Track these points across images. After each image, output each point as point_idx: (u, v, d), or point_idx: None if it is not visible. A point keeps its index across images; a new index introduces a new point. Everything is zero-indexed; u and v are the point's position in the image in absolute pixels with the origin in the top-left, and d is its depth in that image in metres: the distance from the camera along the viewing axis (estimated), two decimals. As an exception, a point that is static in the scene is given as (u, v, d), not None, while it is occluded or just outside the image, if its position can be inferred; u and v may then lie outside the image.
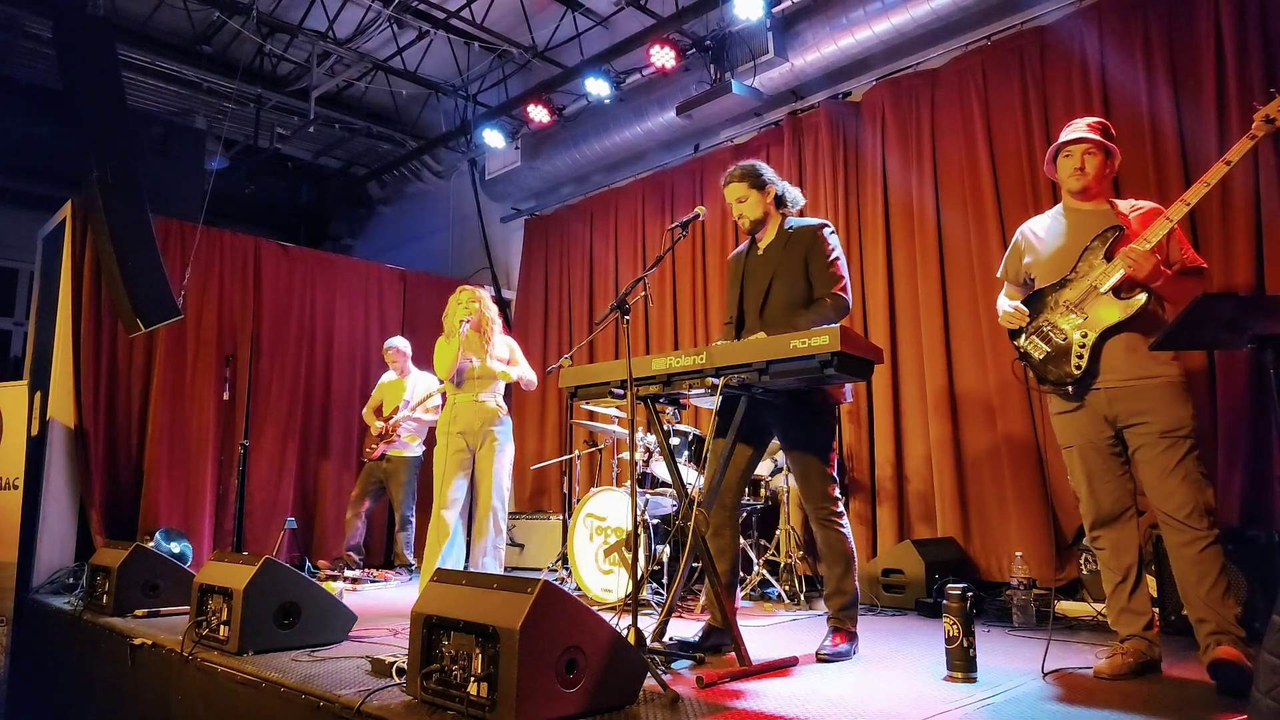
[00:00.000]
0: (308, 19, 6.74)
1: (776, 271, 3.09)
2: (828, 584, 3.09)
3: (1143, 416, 2.62)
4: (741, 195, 3.13)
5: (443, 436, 4.32)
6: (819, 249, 3.05)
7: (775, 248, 3.14)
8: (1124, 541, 2.70)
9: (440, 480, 4.25)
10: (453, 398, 4.39)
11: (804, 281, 3.05)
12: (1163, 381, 2.61)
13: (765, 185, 3.13)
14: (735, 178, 3.14)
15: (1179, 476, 2.55)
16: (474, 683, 2.06)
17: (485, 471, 4.31)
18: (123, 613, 3.88)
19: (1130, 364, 2.63)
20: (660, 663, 2.73)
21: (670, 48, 5.58)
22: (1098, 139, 2.76)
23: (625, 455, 5.30)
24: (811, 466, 3.00)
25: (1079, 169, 2.77)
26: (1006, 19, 4.81)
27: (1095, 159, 2.76)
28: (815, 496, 3.00)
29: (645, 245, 6.69)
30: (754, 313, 3.14)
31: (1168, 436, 2.58)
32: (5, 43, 6.73)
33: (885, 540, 4.87)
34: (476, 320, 4.37)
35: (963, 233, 4.83)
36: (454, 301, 4.44)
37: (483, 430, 4.33)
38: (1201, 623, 2.53)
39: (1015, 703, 2.31)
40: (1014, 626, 3.59)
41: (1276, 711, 1.18)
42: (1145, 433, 2.61)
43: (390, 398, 6.12)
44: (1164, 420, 2.58)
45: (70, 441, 5.56)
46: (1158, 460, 2.58)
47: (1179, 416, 2.58)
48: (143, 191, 5.58)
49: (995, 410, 4.58)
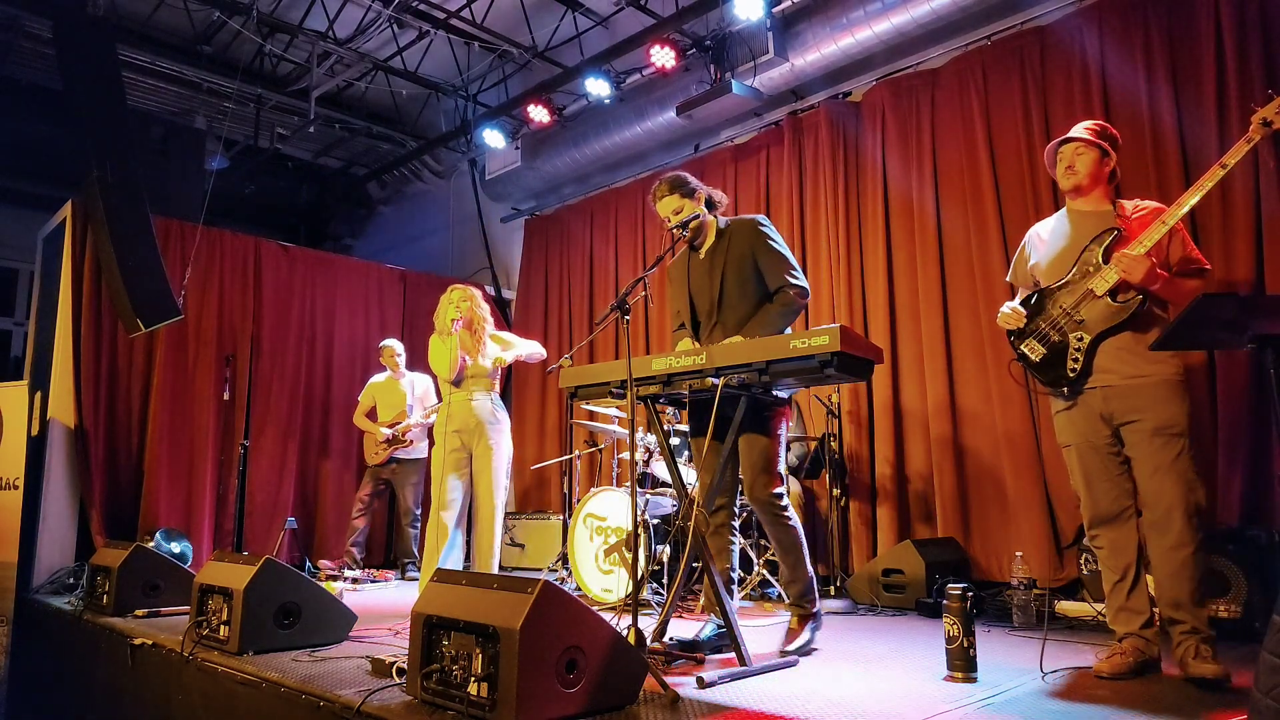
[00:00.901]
0: (308, 19, 6.74)
1: (725, 271, 3.11)
2: (783, 574, 3.16)
3: (1137, 414, 2.63)
4: (676, 207, 3.14)
5: (439, 437, 4.31)
6: (762, 241, 3.08)
7: (717, 249, 3.16)
8: (1122, 541, 2.71)
9: (438, 481, 4.23)
10: (448, 397, 4.35)
11: (754, 275, 3.08)
12: (1156, 380, 2.62)
13: (695, 192, 3.16)
14: (665, 191, 3.15)
15: (1171, 475, 2.57)
16: (474, 683, 2.06)
17: (482, 471, 4.25)
18: (123, 613, 3.88)
19: (1125, 364, 2.65)
20: (660, 663, 2.73)
21: (670, 48, 5.58)
22: (1086, 137, 2.77)
23: (625, 455, 5.30)
24: (758, 460, 2.99)
25: (1070, 168, 2.80)
26: (1006, 19, 4.81)
27: (1086, 157, 2.77)
28: (762, 490, 2.98)
29: (645, 245, 6.69)
30: (708, 315, 3.14)
31: (1160, 434, 2.59)
32: (5, 43, 6.73)
33: (885, 540, 4.87)
34: (468, 318, 4.34)
35: (963, 233, 4.83)
36: (445, 300, 4.39)
37: (478, 429, 4.27)
38: (1175, 623, 2.56)
39: (1015, 703, 2.31)
40: (1014, 626, 3.58)
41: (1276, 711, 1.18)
42: (1139, 430, 2.63)
43: (384, 399, 6.11)
44: (1156, 418, 2.60)
45: (70, 441, 5.57)
46: (1150, 458, 2.60)
47: (1171, 415, 2.59)
48: (143, 191, 5.58)
49: (995, 410, 4.58)
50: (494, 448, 4.26)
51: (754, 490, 3.02)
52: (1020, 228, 4.63)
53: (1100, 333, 2.67)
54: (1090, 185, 2.80)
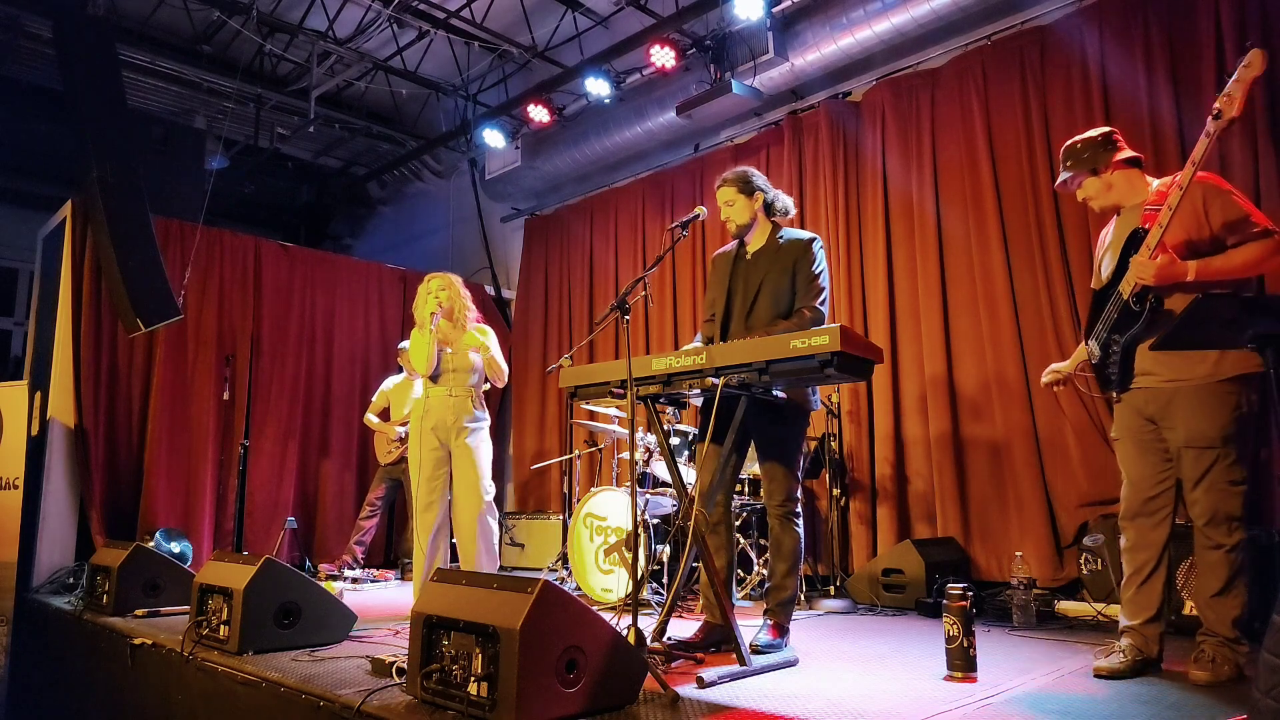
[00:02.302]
0: (308, 19, 6.74)
1: (765, 278, 3.16)
2: (771, 578, 3.15)
3: (1171, 423, 2.61)
4: (730, 199, 3.21)
5: (415, 434, 4.10)
6: (806, 261, 3.13)
7: (765, 254, 3.21)
8: (1147, 538, 2.70)
9: (416, 480, 4.03)
10: (426, 391, 4.12)
11: (790, 291, 3.13)
12: (1195, 384, 2.55)
13: (754, 191, 3.21)
14: (727, 181, 3.24)
15: (1202, 487, 2.56)
16: (474, 682, 2.06)
17: (461, 470, 4.03)
18: (123, 612, 3.88)
19: (1161, 365, 2.61)
20: (660, 662, 2.73)
21: (670, 47, 5.58)
22: (1071, 176, 2.78)
23: (625, 455, 5.30)
24: (779, 466, 3.07)
25: (1083, 200, 2.84)
26: (1007, 19, 4.81)
27: (1087, 186, 2.78)
28: (779, 494, 3.07)
29: (645, 245, 6.69)
30: (740, 316, 3.20)
31: (1191, 448, 2.57)
32: (5, 43, 6.73)
33: (885, 540, 4.87)
34: (449, 308, 4.15)
35: (963, 232, 4.83)
36: (423, 290, 4.16)
37: (456, 426, 4.04)
38: (1200, 624, 2.61)
39: (1015, 703, 2.31)
40: (1014, 626, 3.58)
41: (1276, 711, 1.18)
42: (1174, 440, 2.62)
43: (398, 400, 6.10)
44: (1188, 431, 2.57)
45: (70, 441, 5.56)
46: (1185, 469, 2.60)
47: (1201, 427, 2.54)
48: (143, 191, 5.58)
49: (996, 410, 4.59)
50: (473, 448, 4.04)
51: (771, 494, 3.07)
52: (1020, 228, 4.65)
53: (1130, 335, 2.64)
54: (1104, 198, 2.78)
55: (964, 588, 2.57)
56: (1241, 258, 2.47)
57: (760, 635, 3.00)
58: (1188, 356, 2.56)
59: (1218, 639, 2.55)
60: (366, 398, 6.52)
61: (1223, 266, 2.47)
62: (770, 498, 3.09)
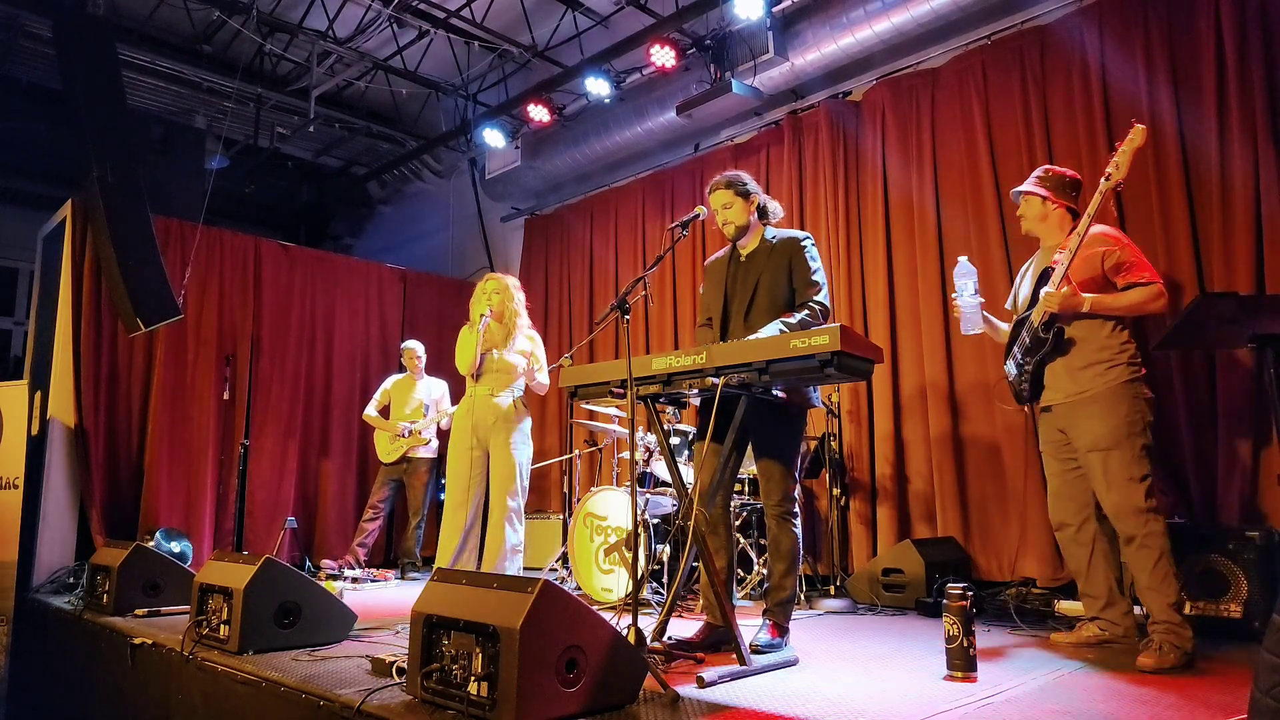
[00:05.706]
0: (308, 18, 6.73)
1: (761, 277, 3.17)
2: (770, 578, 3.15)
3: (1076, 432, 2.98)
4: (727, 202, 3.21)
5: (457, 432, 4.17)
6: (802, 257, 3.16)
7: (760, 255, 3.23)
8: (1076, 539, 3.12)
9: (453, 477, 4.11)
10: (470, 390, 4.20)
11: (787, 289, 3.15)
12: (1091, 394, 2.93)
13: (750, 195, 3.24)
14: (721, 185, 3.24)
15: (1106, 485, 2.89)
16: (474, 682, 2.06)
17: (499, 471, 4.10)
18: (123, 612, 3.88)
19: (1065, 381, 3.01)
20: (660, 662, 2.73)
21: (670, 47, 5.58)
22: (1025, 189, 3.15)
23: (625, 455, 5.30)
24: (776, 466, 3.08)
25: (1020, 215, 3.23)
26: (1007, 18, 4.80)
27: (1030, 203, 3.17)
28: (776, 494, 3.08)
29: (645, 245, 6.69)
30: (739, 316, 3.20)
31: (1093, 452, 2.92)
32: (5, 43, 6.73)
33: (885, 540, 4.87)
34: (499, 311, 4.21)
35: (963, 232, 4.83)
36: (479, 290, 4.24)
37: (496, 427, 4.11)
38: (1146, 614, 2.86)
39: (1015, 703, 2.31)
40: (1014, 626, 3.58)
41: (1276, 711, 1.18)
42: (1079, 449, 2.98)
43: (399, 399, 6.11)
44: (1086, 437, 2.93)
45: (70, 441, 5.56)
46: (1092, 473, 2.95)
47: (1097, 432, 2.90)
48: (143, 191, 5.58)
49: (995, 410, 4.58)
50: (511, 448, 4.09)
51: (769, 494, 3.07)
52: (1020, 227, 4.63)
53: (1039, 358, 3.04)
54: (1037, 225, 3.17)
55: (964, 588, 2.57)
56: (1128, 299, 2.91)
57: (760, 635, 2.99)
58: (1086, 371, 2.96)
59: (1164, 625, 2.75)
60: (367, 397, 6.52)
61: (1112, 305, 2.93)
62: (767, 497, 3.10)
